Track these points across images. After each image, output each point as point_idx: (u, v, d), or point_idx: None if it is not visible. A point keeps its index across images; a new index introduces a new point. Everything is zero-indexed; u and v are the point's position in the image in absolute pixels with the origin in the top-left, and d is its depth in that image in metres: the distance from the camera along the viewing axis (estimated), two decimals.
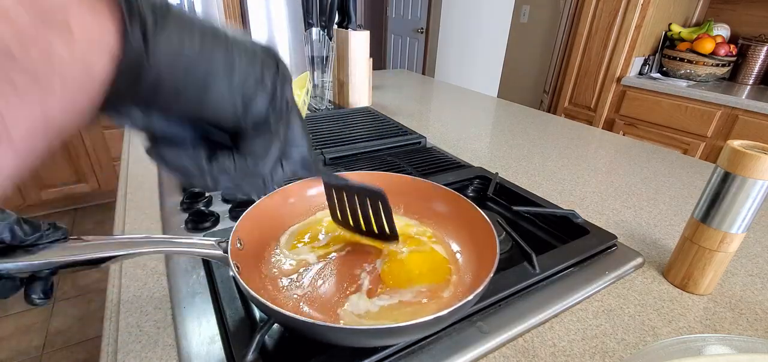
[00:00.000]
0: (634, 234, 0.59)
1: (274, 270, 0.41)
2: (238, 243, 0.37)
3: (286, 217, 0.48)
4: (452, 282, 0.40)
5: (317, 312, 0.37)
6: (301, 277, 0.40)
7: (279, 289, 0.39)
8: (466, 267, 0.42)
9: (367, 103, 1.22)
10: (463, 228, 0.45)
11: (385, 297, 0.38)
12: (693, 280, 0.46)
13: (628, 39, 1.96)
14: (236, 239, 0.37)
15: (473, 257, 0.43)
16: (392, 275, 0.41)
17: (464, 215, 0.45)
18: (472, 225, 0.44)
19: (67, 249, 0.24)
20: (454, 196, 0.47)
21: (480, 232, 0.42)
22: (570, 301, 0.44)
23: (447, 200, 0.48)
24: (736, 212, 0.42)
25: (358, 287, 0.39)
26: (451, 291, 0.39)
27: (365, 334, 0.31)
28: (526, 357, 0.38)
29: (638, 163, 0.87)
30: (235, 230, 0.38)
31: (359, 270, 0.41)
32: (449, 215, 0.47)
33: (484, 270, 0.36)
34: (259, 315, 0.40)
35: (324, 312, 0.36)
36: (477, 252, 0.42)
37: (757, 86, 1.91)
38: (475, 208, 0.44)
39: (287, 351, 0.36)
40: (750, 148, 0.40)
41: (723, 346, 0.31)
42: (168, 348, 0.37)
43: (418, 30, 3.35)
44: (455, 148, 0.90)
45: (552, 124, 1.14)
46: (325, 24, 1.13)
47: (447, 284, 0.40)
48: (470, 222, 0.44)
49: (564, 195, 0.70)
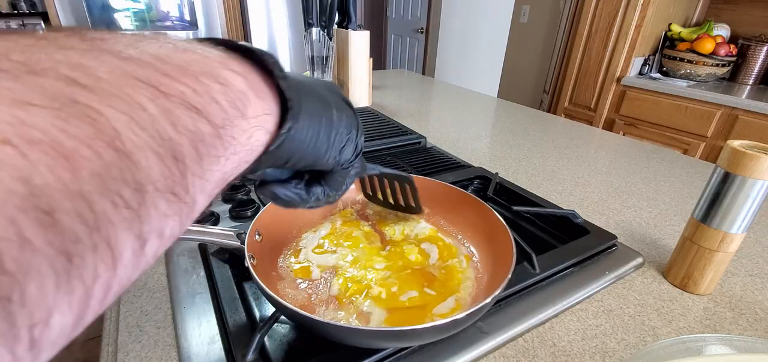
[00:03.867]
0: (634, 234, 0.59)
1: (288, 267, 0.42)
2: (256, 235, 0.38)
3: (308, 214, 0.48)
4: (467, 288, 0.40)
5: (328, 309, 0.37)
6: (315, 277, 0.41)
7: (294, 286, 0.39)
8: (483, 272, 0.43)
9: (367, 103, 1.22)
10: (480, 231, 0.46)
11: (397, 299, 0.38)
12: (693, 280, 0.46)
13: (628, 39, 1.96)
14: (255, 232, 0.38)
15: (489, 262, 0.43)
16: (407, 280, 0.40)
17: (482, 219, 0.45)
18: (490, 230, 0.44)
19: None
20: (474, 201, 0.47)
21: (498, 238, 0.42)
22: (570, 301, 0.44)
23: (467, 204, 0.48)
24: (736, 212, 0.42)
25: (369, 293, 0.39)
26: (466, 296, 0.39)
27: (379, 336, 0.32)
28: (526, 357, 0.38)
29: (638, 163, 0.87)
30: (255, 222, 0.39)
31: (373, 272, 0.41)
32: (468, 219, 0.48)
33: (499, 275, 0.36)
34: (259, 315, 0.40)
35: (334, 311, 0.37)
36: (493, 257, 0.43)
37: (757, 86, 1.91)
38: (495, 215, 0.44)
39: (287, 351, 0.36)
40: (750, 148, 0.40)
41: (723, 346, 0.31)
42: (168, 348, 0.37)
43: (418, 30, 3.35)
44: (455, 148, 0.90)
45: (552, 124, 1.14)
46: (325, 24, 1.13)
47: (462, 289, 0.40)
48: (488, 226, 0.44)
49: (564, 196, 0.70)
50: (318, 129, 0.24)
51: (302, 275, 0.41)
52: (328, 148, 0.25)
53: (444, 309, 0.37)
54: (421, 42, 3.36)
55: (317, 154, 0.25)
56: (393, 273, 0.41)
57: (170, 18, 2.32)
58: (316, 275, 0.41)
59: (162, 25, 2.30)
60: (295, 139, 0.22)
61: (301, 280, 0.40)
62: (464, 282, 0.41)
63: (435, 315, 0.37)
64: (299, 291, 0.39)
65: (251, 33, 2.54)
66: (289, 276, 0.41)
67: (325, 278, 0.41)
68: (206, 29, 2.41)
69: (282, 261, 0.43)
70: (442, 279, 0.41)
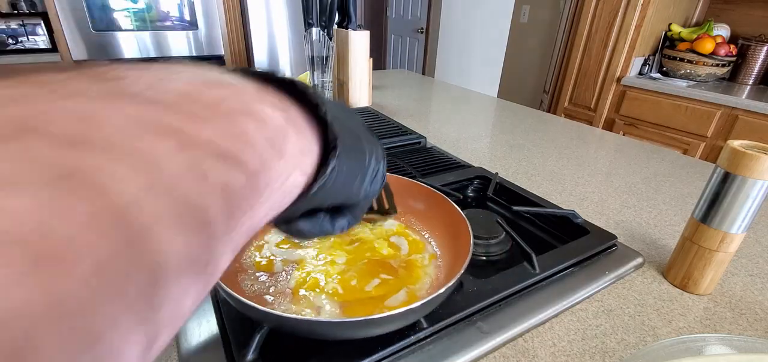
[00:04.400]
0: (634, 234, 0.59)
1: (251, 260, 0.42)
2: None
3: None
4: (430, 276, 0.42)
5: (282, 302, 0.37)
6: (277, 270, 0.41)
7: (254, 279, 0.40)
8: (443, 261, 0.44)
9: (367, 103, 1.22)
10: (439, 222, 0.47)
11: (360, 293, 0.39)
12: (693, 280, 0.46)
13: (628, 39, 1.96)
14: None
15: (451, 251, 0.44)
16: (366, 273, 0.41)
17: (439, 209, 0.46)
18: (448, 219, 0.45)
19: None
20: (428, 192, 0.48)
21: (455, 225, 0.43)
22: (570, 301, 0.44)
23: (422, 196, 0.49)
24: (736, 212, 0.42)
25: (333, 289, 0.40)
26: (427, 285, 0.40)
27: (344, 327, 0.32)
28: (526, 357, 0.38)
29: (638, 163, 0.87)
30: None
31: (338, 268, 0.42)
32: (426, 211, 0.49)
33: (458, 263, 0.37)
34: None
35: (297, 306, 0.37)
36: (453, 245, 0.43)
37: (757, 86, 1.91)
38: (448, 201, 0.45)
39: (287, 351, 0.36)
40: (750, 148, 0.40)
41: (723, 346, 0.31)
42: (168, 348, 0.37)
43: (418, 30, 3.35)
44: (455, 148, 0.90)
45: (552, 124, 1.14)
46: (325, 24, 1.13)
47: (425, 279, 0.41)
48: (445, 215, 0.45)
49: (564, 196, 0.70)
50: (354, 165, 0.21)
51: (265, 269, 0.41)
52: (361, 184, 0.23)
53: (395, 301, 0.38)
54: (421, 42, 3.36)
55: (351, 191, 0.23)
56: (350, 267, 0.42)
57: (170, 18, 2.32)
58: (278, 268, 0.41)
59: (162, 25, 2.30)
60: (337, 180, 0.19)
61: (262, 273, 0.41)
62: (423, 278, 0.41)
63: (386, 307, 0.37)
64: (258, 284, 0.40)
65: (251, 33, 2.54)
66: (251, 269, 0.41)
67: (287, 271, 0.41)
68: (206, 29, 2.42)
69: (246, 255, 0.43)
70: (402, 275, 0.41)
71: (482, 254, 0.50)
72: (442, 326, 0.38)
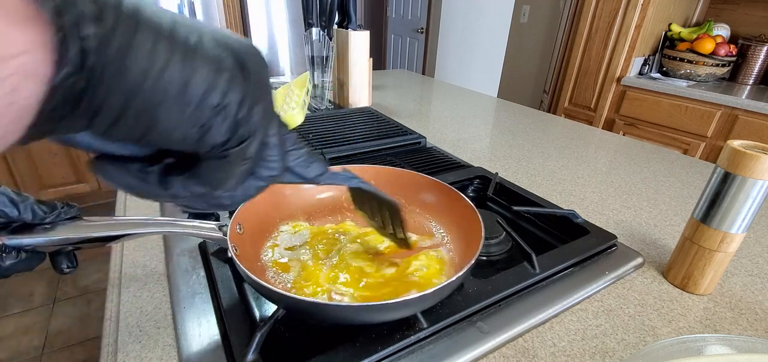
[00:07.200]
0: (634, 234, 0.59)
1: (269, 258, 0.43)
2: (238, 227, 0.39)
3: (291, 205, 0.49)
4: (443, 270, 0.42)
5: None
6: (292, 270, 0.41)
7: (276, 277, 0.40)
8: (453, 254, 0.44)
9: (367, 103, 1.22)
10: (449, 216, 0.47)
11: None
12: (693, 280, 0.46)
13: (628, 39, 1.96)
14: (236, 224, 0.39)
15: (461, 244, 0.44)
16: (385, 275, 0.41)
17: (451, 203, 0.47)
18: (458, 213, 0.46)
19: (81, 227, 0.27)
20: (440, 186, 0.49)
21: (466, 219, 0.44)
22: (570, 301, 0.44)
23: (433, 190, 0.50)
24: (736, 212, 0.42)
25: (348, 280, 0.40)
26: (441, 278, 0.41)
27: (360, 310, 0.33)
28: (526, 357, 0.38)
29: (638, 163, 0.87)
30: (236, 215, 0.40)
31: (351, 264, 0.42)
32: (436, 204, 0.49)
33: (469, 254, 0.38)
34: (258, 315, 0.40)
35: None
36: (463, 238, 0.44)
37: (757, 86, 1.91)
38: (461, 196, 0.46)
39: (287, 351, 0.36)
40: (750, 148, 0.40)
41: (723, 346, 0.31)
42: (168, 348, 0.37)
43: (418, 30, 3.35)
44: (455, 148, 0.90)
45: (552, 124, 1.14)
46: (325, 24, 1.13)
47: (438, 273, 0.42)
48: (456, 209, 0.46)
49: (564, 196, 0.70)
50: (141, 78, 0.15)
51: (282, 269, 0.41)
52: (172, 122, 0.17)
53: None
54: (421, 42, 3.36)
55: (145, 126, 0.16)
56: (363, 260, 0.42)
57: None
58: (293, 268, 0.42)
59: None
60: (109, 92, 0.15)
61: (282, 272, 0.41)
62: (442, 267, 0.42)
63: (409, 280, 0.39)
64: (280, 281, 0.40)
65: (251, 33, 2.54)
66: (270, 268, 0.41)
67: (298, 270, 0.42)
68: None
69: (263, 254, 0.43)
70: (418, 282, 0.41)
71: (482, 254, 0.50)
72: (443, 326, 0.38)
